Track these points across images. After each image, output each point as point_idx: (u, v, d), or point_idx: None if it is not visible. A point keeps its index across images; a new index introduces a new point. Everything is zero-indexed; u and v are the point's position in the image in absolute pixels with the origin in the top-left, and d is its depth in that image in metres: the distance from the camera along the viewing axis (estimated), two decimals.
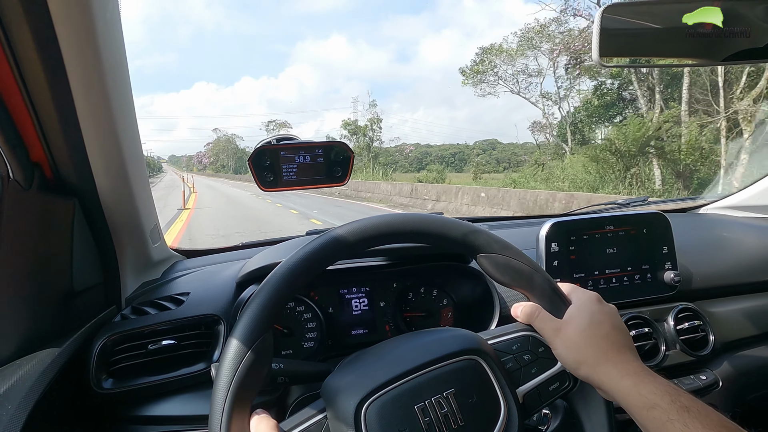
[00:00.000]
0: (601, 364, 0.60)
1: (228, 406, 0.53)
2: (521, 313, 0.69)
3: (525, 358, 0.65)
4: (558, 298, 0.67)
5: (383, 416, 0.56)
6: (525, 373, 0.64)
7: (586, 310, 0.65)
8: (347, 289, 1.04)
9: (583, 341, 0.62)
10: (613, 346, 0.61)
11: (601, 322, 0.64)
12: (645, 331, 1.06)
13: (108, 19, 0.71)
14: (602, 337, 0.62)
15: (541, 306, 0.67)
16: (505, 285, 0.69)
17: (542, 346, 0.67)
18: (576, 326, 0.63)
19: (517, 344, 0.67)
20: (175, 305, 0.93)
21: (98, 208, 0.86)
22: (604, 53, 0.81)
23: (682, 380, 1.06)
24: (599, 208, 1.62)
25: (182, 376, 0.85)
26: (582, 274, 1.08)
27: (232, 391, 0.54)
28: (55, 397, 0.70)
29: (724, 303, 1.22)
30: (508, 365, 0.64)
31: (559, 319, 0.65)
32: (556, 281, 0.68)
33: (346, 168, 0.87)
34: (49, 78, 0.66)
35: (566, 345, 0.63)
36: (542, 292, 0.67)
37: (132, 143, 0.87)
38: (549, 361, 0.66)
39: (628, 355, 0.61)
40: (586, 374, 0.61)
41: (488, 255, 0.67)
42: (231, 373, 0.55)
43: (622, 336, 0.64)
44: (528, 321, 0.68)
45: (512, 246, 0.68)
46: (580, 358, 0.62)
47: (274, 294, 0.59)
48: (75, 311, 0.83)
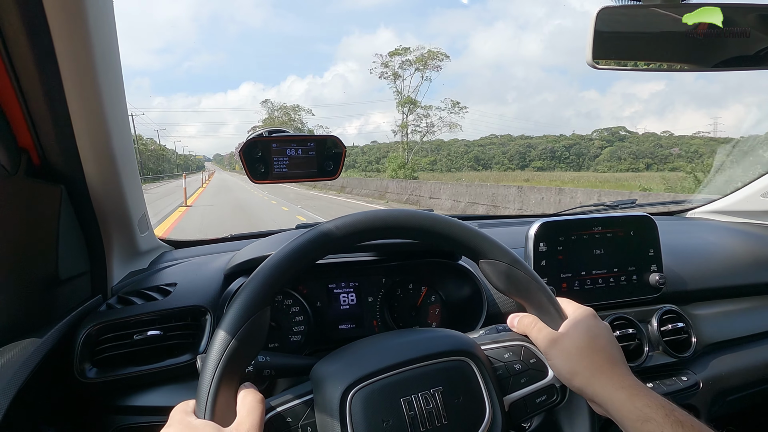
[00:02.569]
0: (596, 375, 0.61)
1: (217, 377, 0.54)
2: (518, 323, 0.70)
3: (516, 367, 0.66)
4: (555, 310, 0.68)
5: (368, 405, 0.57)
6: (514, 381, 0.65)
7: (583, 324, 0.66)
8: (335, 283, 1.04)
9: (578, 353, 0.63)
10: (608, 360, 0.62)
11: (597, 336, 0.64)
12: (629, 332, 1.07)
13: (100, 7, 0.70)
14: (598, 350, 0.63)
15: (538, 317, 0.68)
16: (503, 293, 0.69)
17: (534, 358, 0.67)
18: (572, 338, 0.64)
19: (510, 353, 0.67)
20: (162, 296, 0.93)
21: (86, 195, 0.85)
22: (598, 56, 0.81)
23: (664, 381, 1.08)
24: (588, 209, 1.63)
25: (167, 366, 0.84)
26: (569, 274, 1.09)
27: (222, 362, 0.54)
28: (38, 386, 0.69)
29: (707, 306, 1.24)
30: (498, 372, 0.65)
31: (555, 331, 0.66)
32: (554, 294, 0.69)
33: (338, 162, 0.87)
34: (38, 63, 0.65)
35: (562, 356, 0.64)
36: (540, 304, 0.68)
37: (121, 131, 0.86)
38: (539, 373, 0.66)
39: (623, 368, 0.62)
40: (580, 385, 0.62)
41: (491, 261, 0.68)
42: (224, 344, 0.55)
43: (616, 351, 0.64)
44: (524, 331, 0.69)
45: (515, 255, 0.69)
46: (575, 369, 0.62)
47: (265, 283, 0.59)
48: (60, 299, 0.82)
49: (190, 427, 0.51)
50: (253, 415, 0.53)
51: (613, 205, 1.60)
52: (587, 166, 65.58)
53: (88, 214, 0.88)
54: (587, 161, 68.55)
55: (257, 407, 0.54)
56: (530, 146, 76.90)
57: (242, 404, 0.55)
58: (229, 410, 0.54)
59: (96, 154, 0.81)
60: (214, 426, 0.51)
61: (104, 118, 0.79)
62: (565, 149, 74.12)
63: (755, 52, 0.83)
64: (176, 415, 0.54)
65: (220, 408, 0.53)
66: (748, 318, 1.26)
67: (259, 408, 0.54)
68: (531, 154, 74.59)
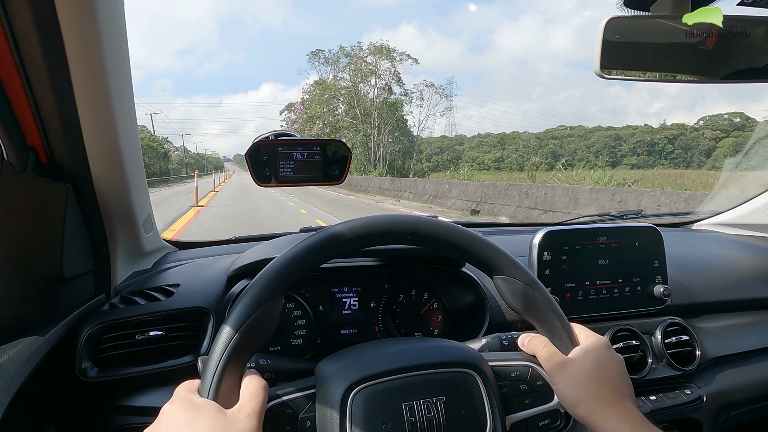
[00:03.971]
0: (601, 406, 0.60)
1: (224, 359, 0.55)
2: (528, 343, 0.69)
3: (521, 387, 0.65)
4: (567, 335, 0.67)
5: (369, 405, 0.57)
6: (518, 402, 0.64)
7: (594, 353, 0.65)
8: (338, 288, 1.04)
9: (585, 381, 0.62)
10: (615, 392, 0.61)
11: (607, 367, 0.63)
12: (633, 343, 1.06)
13: (111, 7, 0.70)
14: (605, 381, 0.62)
15: (549, 340, 0.67)
16: (515, 311, 0.69)
17: (541, 380, 0.66)
18: (581, 365, 0.63)
19: (516, 372, 0.66)
20: (165, 296, 0.93)
21: (92, 195, 0.86)
22: (605, 65, 0.81)
23: (667, 394, 1.07)
24: (593, 219, 1.63)
25: (169, 368, 0.84)
26: (573, 283, 1.09)
27: (231, 345, 0.55)
28: (39, 384, 0.70)
29: (712, 319, 1.23)
30: (503, 390, 0.64)
31: (564, 356, 0.65)
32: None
33: (344, 167, 0.88)
34: (48, 63, 0.65)
35: (568, 382, 0.63)
36: (552, 327, 0.67)
37: (129, 131, 0.87)
38: (545, 395, 0.66)
39: (629, 403, 0.61)
40: (583, 414, 0.61)
41: (506, 278, 0.67)
42: (235, 328, 0.56)
43: (625, 385, 0.63)
44: (533, 352, 0.68)
45: (531, 274, 0.69)
46: (579, 397, 0.61)
47: (283, 271, 0.60)
48: (64, 298, 0.83)
49: (194, 405, 0.52)
50: (256, 401, 0.54)
51: (619, 215, 1.59)
52: (700, 163, 52.52)
53: (93, 214, 0.88)
54: (697, 156, 56.55)
55: (260, 393, 0.55)
56: (619, 138, 65.15)
57: (246, 389, 0.55)
58: (232, 393, 0.55)
59: (103, 154, 0.82)
60: (217, 406, 0.52)
61: (112, 118, 0.80)
62: (668, 141, 62.70)
63: (765, 64, 0.82)
64: (180, 392, 0.55)
65: (224, 390, 0.54)
66: (753, 332, 1.24)
67: (262, 394, 0.55)
68: (622, 149, 63.91)
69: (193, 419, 0.51)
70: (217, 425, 0.50)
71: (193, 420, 0.51)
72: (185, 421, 0.51)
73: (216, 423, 0.51)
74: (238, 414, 0.52)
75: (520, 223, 2.28)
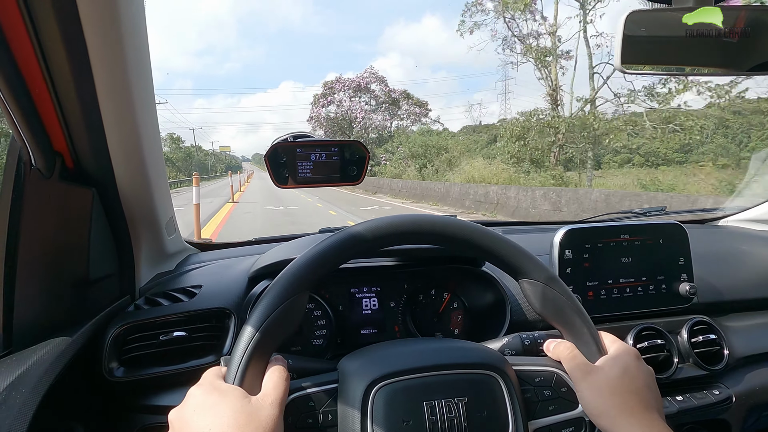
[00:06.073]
0: (626, 416, 0.58)
1: (251, 348, 0.56)
2: (554, 348, 0.68)
3: (545, 393, 0.64)
4: (594, 344, 0.66)
5: (391, 402, 0.57)
6: (542, 407, 0.63)
7: (621, 362, 0.63)
8: (358, 288, 1.04)
9: (610, 391, 0.60)
10: (641, 403, 0.60)
11: (635, 377, 0.62)
12: (658, 342, 1.04)
13: (133, 15, 0.72)
14: (632, 392, 0.60)
15: (576, 346, 0.66)
16: (541, 316, 0.68)
17: (565, 387, 0.65)
18: (607, 375, 0.62)
19: (541, 377, 0.65)
20: (188, 297, 0.94)
21: (116, 199, 0.87)
22: (626, 60, 0.80)
23: (695, 395, 1.04)
24: (615, 217, 1.60)
25: (192, 367, 0.86)
26: (595, 282, 1.07)
27: (259, 334, 0.57)
28: (67, 384, 0.71)
29: (740, 317, 1.20)
30: (526, 395, 0.63)
31: (590, 363, 0.64)
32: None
33: (362, 167, 0.88)
34: (73, 70, 0.67)
35: (593, 391, 0.61)
36: (580, 334, 0.66)
37: (151, 136, 0.88)
38: (569, 403, 0.64)
39: (655, 415, 0.59)
40: (606, 425, 0.59)
41: (534, 282, 0.66)
42: (262, 317, 0.57)
43: (652, 396, 0.62)
44: (558, 358, 0.67)
45: (559, 280, 0.67)
46: (603, 407, 0.60)
47: (310, 266, 0.61)
48: (90, 300, 0.85)
49: (219, 389, 0.54)
50: (278, 390, 0.55)
51: (642, 212, 1.56)
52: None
53: (118, 217, 0.90)
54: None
55: (282, 384, 0.56)
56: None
57: (269, 378, 0.57)
58: (256, 381, 0.57)
59: (127, 158, 0.84)
60: (242, 392, 0.54)
61: (135, 124, 0.81)
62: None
63: None
64: (207, 377, 0.57)
65: (249, 377, 0.56)
66: None
67: (284, 385, 0.57)
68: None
69: (218, 403, 0.53)
70: (241, 410, 0.52)
71: (218, 403, 0.52)
72: (211, 404, 0.53)
73: (240, 408, 0.52)
74: (262, 402, 0.54)
75: (540, 222, 2.25)
